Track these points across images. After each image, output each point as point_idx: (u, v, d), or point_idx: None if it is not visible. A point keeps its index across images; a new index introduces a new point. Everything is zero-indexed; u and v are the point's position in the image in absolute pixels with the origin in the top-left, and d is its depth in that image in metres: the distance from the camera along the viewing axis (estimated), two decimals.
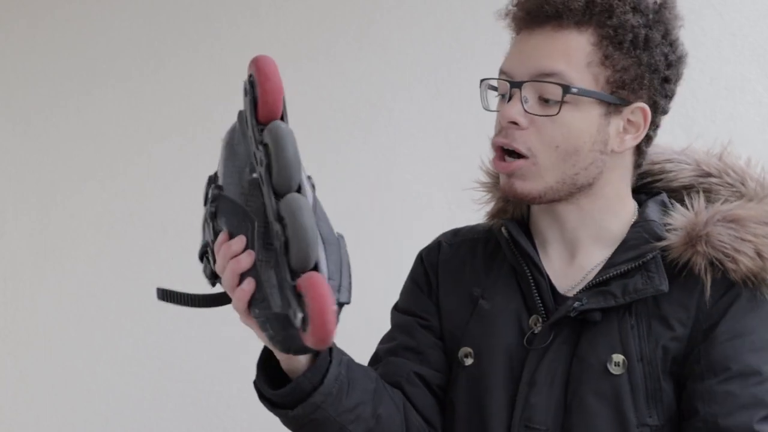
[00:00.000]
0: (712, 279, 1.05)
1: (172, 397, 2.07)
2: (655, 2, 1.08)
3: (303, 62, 2.11)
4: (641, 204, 1.14)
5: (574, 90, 1.04)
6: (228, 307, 1.03)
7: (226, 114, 2.14)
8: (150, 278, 2.11)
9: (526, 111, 1.05)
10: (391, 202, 2.03)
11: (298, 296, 0.80)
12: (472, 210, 1.26)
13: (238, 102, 2.37)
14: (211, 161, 2.11)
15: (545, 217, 1.14)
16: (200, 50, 2.17)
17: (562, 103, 1.05)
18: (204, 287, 1.09)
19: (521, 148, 1.06)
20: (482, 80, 1.13)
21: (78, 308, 2.15)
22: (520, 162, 1.07)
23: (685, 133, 1.89)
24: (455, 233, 1.25)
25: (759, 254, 1.05)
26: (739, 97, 1.89)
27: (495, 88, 1.12)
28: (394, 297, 1.27)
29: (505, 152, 1.09)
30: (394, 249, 2.00)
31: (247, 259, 0.91)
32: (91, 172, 2.19)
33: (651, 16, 1.07)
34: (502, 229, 1.16)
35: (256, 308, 0.90)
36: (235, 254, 0.92)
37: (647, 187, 1.18)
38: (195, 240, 1.09)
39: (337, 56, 2.09)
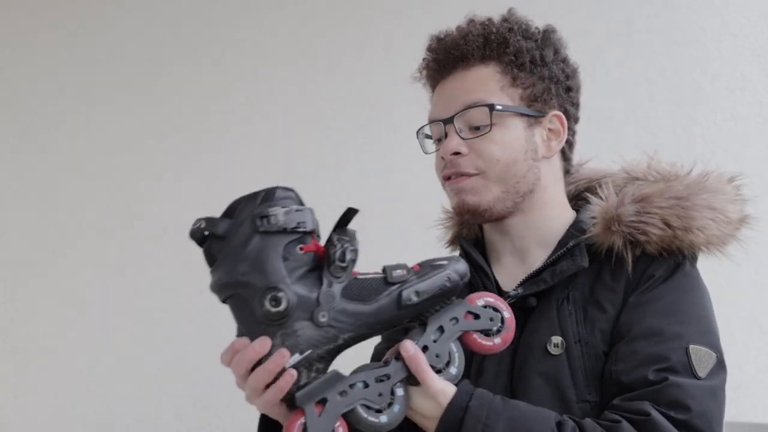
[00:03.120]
0: (633, 256, 1.17)
1: (172, 397, 2.07)
2: (538, 28, 1.27)
3: (303, 62, 2.11)
4: (578, 213, 1.28)
5: (499, 107, 1.20)
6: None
7: (227, 114, 2.16)
8: (150, 278, 2.12)
9: (463, 138, 1.21)
10: (391, 202, 2.03)
11: (492, 308, 1.06)
12: None
13: (237, 102, 2.37)
14: (211, 161, 2.12)
15: (496, 233, 1.28)
16: (201, 50, 2.17)
17: (491, 122, 1.20)
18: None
19: (470, 170, 1.21)
20: (418, 130, 1.31)
21: (78, 308, 2.15)
22: (469, 177, 1.21)
23: (686, 133, 1.89)
24: None
25: (667, 224, 1.17)
26: (739, 97, 1.89)
27: (430, 137, 1.30)
28: None
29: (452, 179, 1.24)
30: (394, 249, 2.00)
31: None
32: (91, 172, 2.19)
33: (539, 40, 1.25)
34: (458, 246, 1.31)
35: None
36: None
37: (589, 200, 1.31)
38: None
39: (338, 57, 2.09)
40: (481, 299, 1.06)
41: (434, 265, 1.04)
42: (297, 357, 0.99)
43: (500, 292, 1.23)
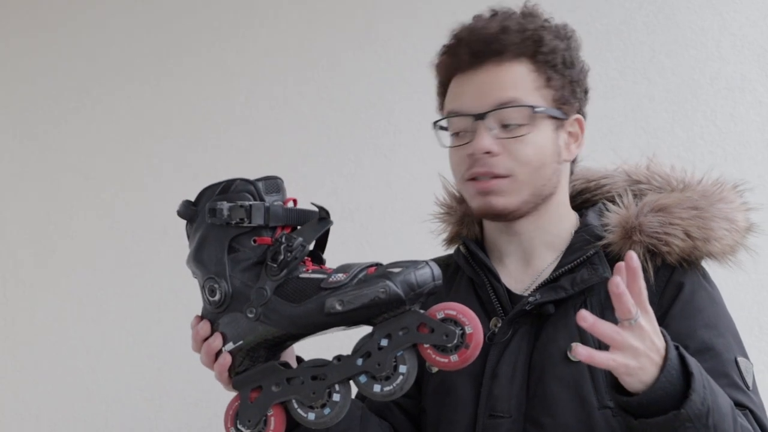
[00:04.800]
0: (654, 267, 1.17)
1: (172, 397, 2.07)
2: (565, 27, 1.25)
3: (303, 62, 2.11)
4: (582, 215, 1.27)
5: (540, 109, 1.18)
6: None
7: (227, 114, 2.16)
8: (150, 278, 2.12)
9: (496, 137, 1.17)
10: (391, 202, 2.03)
11: (453, 322, 0.99)
12: None
13: (237, 102, 2.36)
14: (211, 161, 2.12)
15: (503, 234, 1.26)
16: (201, 50, 2.17)
17: (530, 123, 1.17)
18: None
19: (501, 172, 1.18)
20: (435, 122, 1.25)
21: (78, 308, 2.15)
22: (499, 180, 1.18)
23: (685, 132, 1.89)
24: None
25: (688, 235, 1.17)
26: (739, 97, 1.89)
27: (445, 128, 1.25)
28: None
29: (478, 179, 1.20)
30: (393, 249, 2.00)
31: None
32: (91, 171, 2.19)
33: (567, 40, 1.23)
34: (460, 246, 1.29)
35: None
36: None
37: (587, 201, 1.30)
38: None
39: (337, 56, 2.09)
40: (442, 311, 1.00)
41: (385, 272, 1.00)
42: (231, 345, 1.05)
43: (511, 296, 1.22)
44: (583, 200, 1.31)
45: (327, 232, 1.08)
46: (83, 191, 2.19)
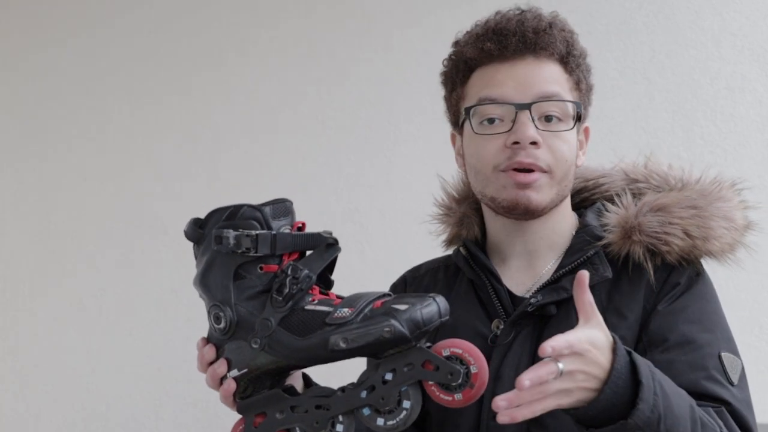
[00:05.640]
0: (653, 266, 1.17)
1: (172, 397, 2.07)
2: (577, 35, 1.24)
3: (303, 62, 2.11)
4: (581, 215, 1.27)
5: (580, 107, 1.18)
6: None
7: (226, 114, 2.16)
8: (150, 278, 2.12)
9: (539, 129, 1.16)
10: (391, 202, 2.03)
11: (459, 360, 0.98)
12: None
13: (237, 102, 2.36)
14: (211, 161, 2.12)
15: (509, 234, 1.24)
16: (201, 50, 2.17)
17: (574, 120, 1.17)
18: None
19: (542, 165, 1.16)
20: (473, 106, 1.19)
21: (78, 308, 2.15)
22: (538, 174, 1.16)
23: (686, 133, 1.90)
24: (418, 267, 1.37)
25: (687, 234, 1.17)
26: (739, 97, 1.89)
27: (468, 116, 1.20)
28: None
29: (517, 169, 1.17)
30: (393, 249, 2.00)
31: None
32: (91, 172, 2.19)
33: (583, 47, 1.23)
34: (461, 248, 1.27)
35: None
36: None
37: (585, 201, 1.30)
38: None
39: (338, 56, 2.09)
40: (448, 349, 0.98)
41: (390, 309, 0.98)
42: (235, 372, 1.05)
43: (512, 298, 1.21)
44: (581, 199, 1.30)
45: (335, 258, 1.06)
46: (83, 192, 2.19)
